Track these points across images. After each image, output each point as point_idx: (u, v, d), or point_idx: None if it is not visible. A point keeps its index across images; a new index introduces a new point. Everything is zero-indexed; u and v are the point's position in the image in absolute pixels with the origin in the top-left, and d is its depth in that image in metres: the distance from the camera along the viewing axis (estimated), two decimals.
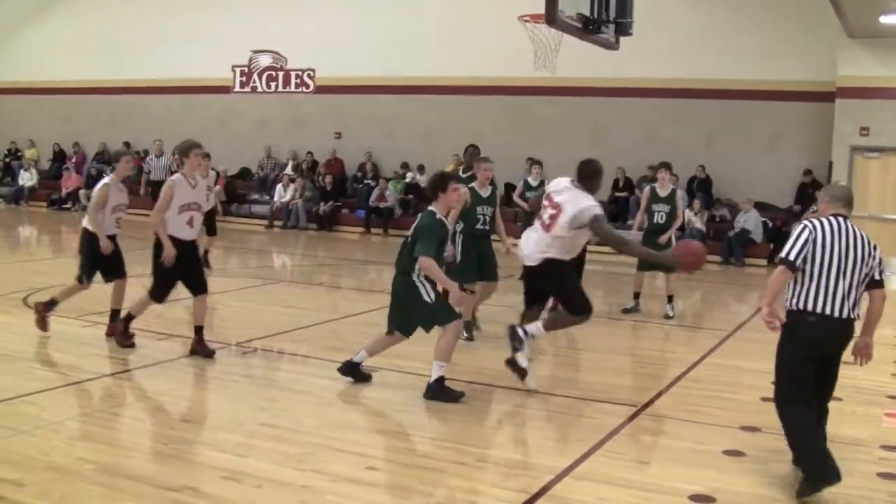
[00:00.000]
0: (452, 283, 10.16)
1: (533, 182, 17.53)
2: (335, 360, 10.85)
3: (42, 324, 12.10)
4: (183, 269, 11.31)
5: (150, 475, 7.21)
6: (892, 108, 23.14)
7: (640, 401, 9.98)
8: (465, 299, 11.33)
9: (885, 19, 20.17)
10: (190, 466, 7.49)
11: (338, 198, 30.23)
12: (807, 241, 7.24)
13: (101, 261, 11.98)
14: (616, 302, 16.32)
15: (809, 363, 7.40)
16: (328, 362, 11.09)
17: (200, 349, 11.43)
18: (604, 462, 8.01)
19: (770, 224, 24.90)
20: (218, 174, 30.99)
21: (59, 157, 35.67)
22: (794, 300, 7.41)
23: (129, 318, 11.72)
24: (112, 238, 11.99)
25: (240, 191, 31.85)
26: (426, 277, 9.84)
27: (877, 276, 7.35)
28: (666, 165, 15.82)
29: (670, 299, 15.27)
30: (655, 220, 15.38)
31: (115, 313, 12.14)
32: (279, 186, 30.67)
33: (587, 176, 10.38)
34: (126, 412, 9.19)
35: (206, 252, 18.76)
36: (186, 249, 11.36)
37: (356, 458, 7.74)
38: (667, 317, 15.07)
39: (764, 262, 24.34)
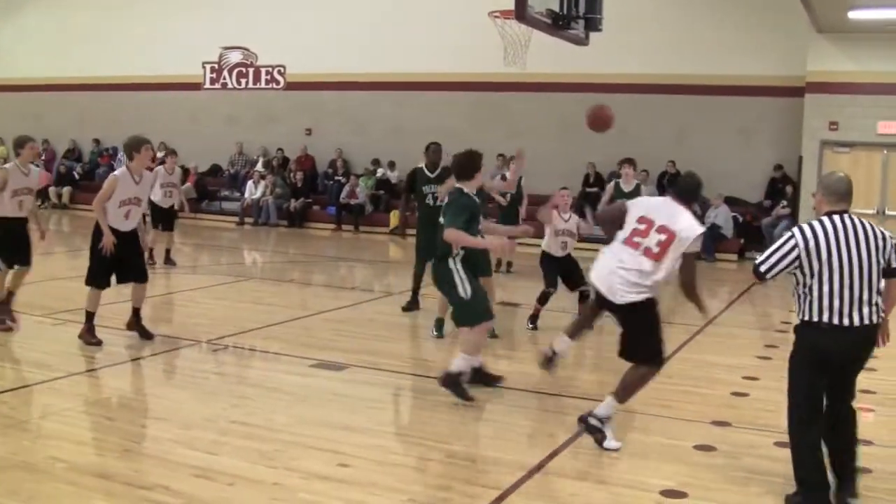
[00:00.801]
0: (487, 240, 10.03)
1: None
2: (307, 357, 10.86)
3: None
4: (121, 258, 11.56)
5: (121, 473, 7.19)
6: (860, 103, 23.22)
7: None
8: (507, 248, 10.77)
9: (853, 14, 20.25)
10: (161, 464, 7.46)
11: (308, 194, 30.17)
12: (790, 252, 6.71)
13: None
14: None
15: (821, 377, 6.86)
16: (300, 359, 11.10)
17: (138, 328, 11.99)
18: (575, 458, 8.04)
19: (740, 219, 24.98)
20: (187, 171, 31.08)
21: None
22: (803, 312, 6.83)
23: (90, 316, 11.74)
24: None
25: (210, 187, 31.78)
26: (463, 265, 9.63)
27: (893, 264, 6.78)
28: (629, 161, 15.83)
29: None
30: None
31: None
32: (250, 183, 30.59)
33: (691, 191, 9.24)
34: (97, 410, 9.16)
35: (168, 251, 18.73)
36: (125, 240, 11.56)
37: (328, 456, 7.74)
38: None
39: (734, 256, 24.45)
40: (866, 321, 6.65)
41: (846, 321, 6.61)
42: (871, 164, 23.48)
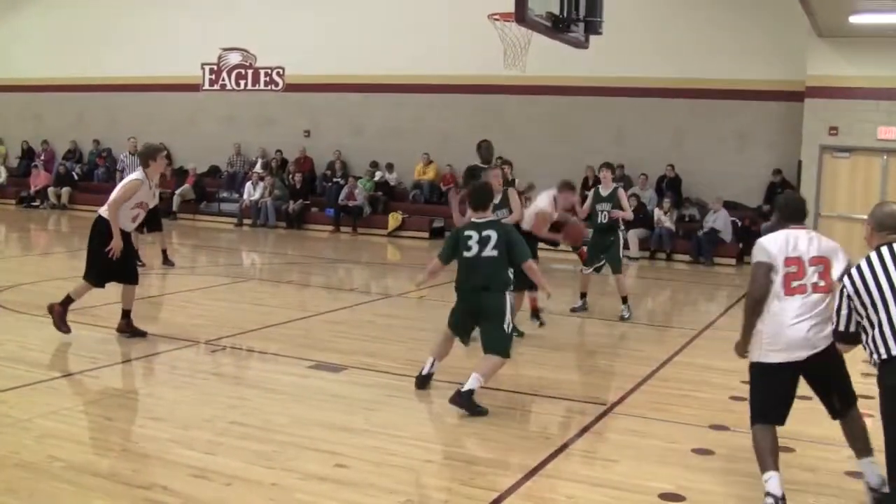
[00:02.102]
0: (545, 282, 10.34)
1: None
2: (305, 359, 10.87)
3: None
4: (121, 259, 11.75)
5: (119, 473, 7.19)
6: (860, 107, 23.20)
7: (610, 399, 10.01)
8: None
9: (855, 19, 20.24)
10: (160, 464, 7.47)
11: (307, 196, 30.14)
12: (849, 299, 6.50)
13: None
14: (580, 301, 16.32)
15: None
16: (298, 360, 11.11)
17: (129, 329, 12.09)
18: (573, 460, 8.05)
19: (739, 223, 24.96)
20: (185, 172, 31.11)
21: (28, 154, 35.48)
22: (872, 353, 6.47)
23: (69, 300, 11.91)
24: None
25: (209, 189, 31.77)
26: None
27: None
28: (607, 165, 15.84)
29: (624, 300, 15.21)
30: (599, 221, 15.35)
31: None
32: (248, 184, 30.56)
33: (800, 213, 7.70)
34: (95, 410, 9.16)
35: (164, 252, 18.75)
36: (124, 241, 11.79)
37: (326, 456, 7.75)
38: (622, 318, 14.99)
39: (733, 261, 24.43)
40: None
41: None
42: (870, 170, 23.46)
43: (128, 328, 12.14)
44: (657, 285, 19.67)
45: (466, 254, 9.70)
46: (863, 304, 6.30)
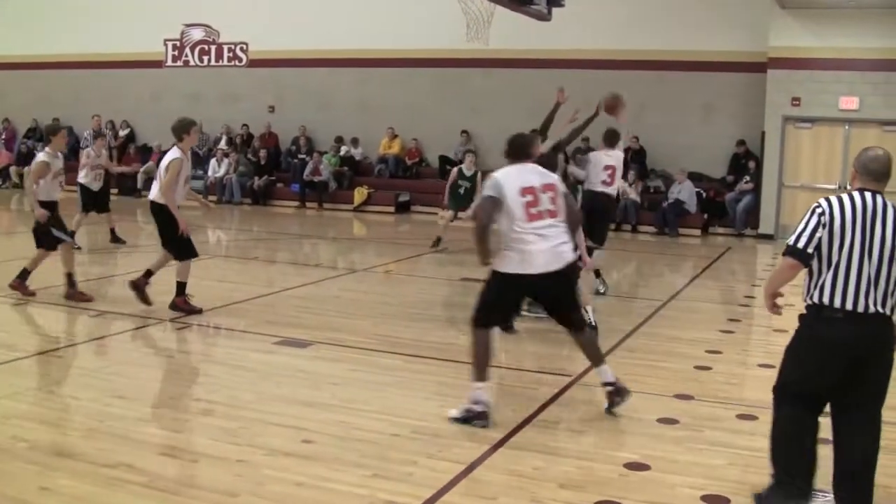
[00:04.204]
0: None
1: (467, 171, 16.41)
2: (271, 335, 10.86)
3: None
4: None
5: (85, 452, 7.17)
6: (822, 78, 23.32)
7: (575, 371, 10.03)
8: None
9: None
10: (125, 443, 7.43)
11: (272, 172, 30.06)
12: (819, 224, 6.13)
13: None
14: None
15: (825, 367, 6.19)
16: (264, 336, 11.11)
17: (186, 307, 12.49)
18: (539, 432, 8.07)
19: (704, 194, 25.04)
20: (150, 149, 30.97)
21: None
22: (810, 292, 6.25)
23: (183, 286, 12.51)
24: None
25: None
26: None
27: None
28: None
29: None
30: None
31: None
32: (213, 161, 30.43)
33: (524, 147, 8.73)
34: (60, 389, 9.13)
35: (112, 230, 18.73)
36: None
37: (292, 432, 7.75)
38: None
39: (698, 232, 24.55)
40: (881, 310, 6.10)
41: (861, 307, 6.07)
42: (832, 140, 23.59)
43: (185, 305, 12.50)
44: (623, 257, 19.69)
45: None
46: (831, 234, 6.11)
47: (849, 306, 6.05)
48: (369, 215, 27.44)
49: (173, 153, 12.43)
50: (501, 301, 8.46)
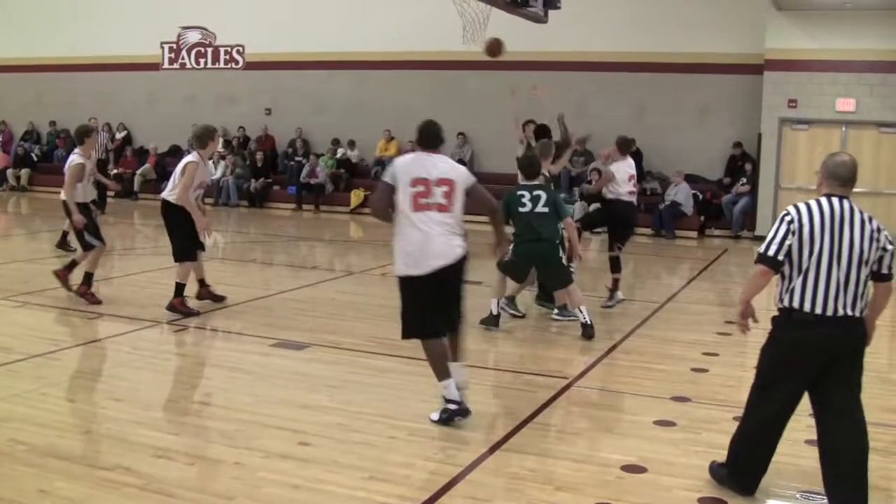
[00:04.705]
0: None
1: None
2: (268, 337, 10.86)
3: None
4: (194, 235, 12.69)
5: (82, 455, 7.19)
6: (819, 80, 23.35)
7: (572, 373, 10.05)
8: None
9: None
10: (122, 445, 7.45)
11: (269, 174, 30.06)
12: (788, 232, 6.33)
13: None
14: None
15: (797, 370, 6.44)
16: (261, 339, 11.11)
17: (210, 295, 13.27)
18: (535, 434, 8.07)
19: (700, 196, 25.05)
20: (146, 152, 30.97)
21: None
22: (781, 297, 6.46)
23: (182, 287, 12.57)
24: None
25: (170, 168, 31.45)
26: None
27: (884, 270, 6.40)
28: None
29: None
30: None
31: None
32: (210, 163, 30.36)
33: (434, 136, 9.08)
34: (57, 392, 9.12)
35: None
36: (189, 219, 12.50)
37: (289, 434, 7.76)
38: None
39: (694, 234, 24.55)
40: (850, 312, 6.30)
41: (830, 310, 6.27)
42: (829, 141, 23.55)
43: (208, 294, 13.20)
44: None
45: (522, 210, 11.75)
46: (801, 243, 6.31)
47: (818, 310, 6.25)
48: (366, 217, 27.38)
49: (191, 157, 12.67)
50: (414, 304, 8.29)
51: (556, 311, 12.84)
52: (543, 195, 11.83)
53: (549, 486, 6.82)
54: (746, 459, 6.72)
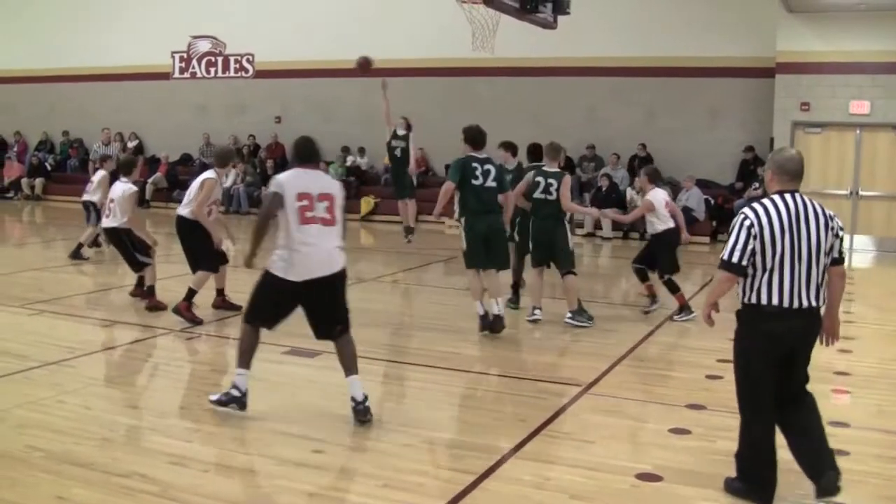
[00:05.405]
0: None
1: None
2: (280, 345, 10.84)
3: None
4: (211, 247, 12.90)
5: (98, 462, 7.19)
6: (831, 82, 23.27)
7: (585, 380, 10.02)
8: None
9: None
10: (137, 452, 7.48)
11: None
12: (750, 236, 6.45)
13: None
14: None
15: (773, 362, 6.59)
16: (273, 346, 11.08)
17: (226, 304, 13.48)
18: (549, 442, 8.06)
19: (712, 201, 24.98)
20: (158, 161, 31.03)
21: (1, 146, 35.31)
22: (747, 294, 6.64)
23: (192, 293, 12.68)
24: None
25: (181, 177, 31.58)
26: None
27: (836, 254, 6.60)
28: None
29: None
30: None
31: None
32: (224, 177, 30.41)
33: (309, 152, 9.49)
34: (73, 399, 9.12)
35: (80, 245, 18.70)
36: (207, 233, 12.76)
37: (302, 442, 7.76)
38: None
39: (707, 239, 24.41)
40: (813, 304, 6.52)
41: (794, 303, 6.46)
42: (843, 145, 23.54)
43: (224, 303, 13.44)
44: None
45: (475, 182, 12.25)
46: (763, 244, 6.46)
47: (786, 304, 6.47)
48: (376, 225, 27.44)
49: (209, 173, 12.86)
50: (266, 301, 8.75)
51: (567, 314, 12.84)
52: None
53: (563, 495, 6.81)
54: (760, 467, 6.72)
